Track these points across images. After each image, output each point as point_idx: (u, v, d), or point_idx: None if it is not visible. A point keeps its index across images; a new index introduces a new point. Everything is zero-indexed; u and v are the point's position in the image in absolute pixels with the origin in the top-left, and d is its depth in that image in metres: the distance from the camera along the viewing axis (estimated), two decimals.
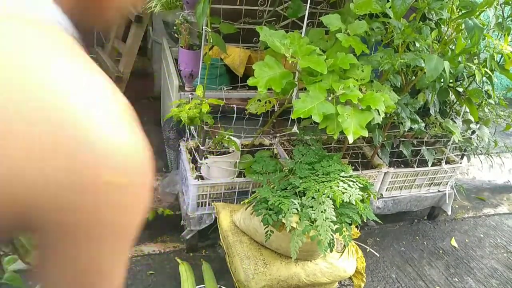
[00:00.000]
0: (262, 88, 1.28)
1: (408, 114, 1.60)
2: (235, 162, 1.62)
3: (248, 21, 1.82)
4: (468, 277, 1.89)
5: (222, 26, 1.59)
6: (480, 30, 1.30)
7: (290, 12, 1.64)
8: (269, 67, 1.33)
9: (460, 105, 1.84)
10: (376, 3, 1.40)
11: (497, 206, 2.49)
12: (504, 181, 2.77)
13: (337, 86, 1.28)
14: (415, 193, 2.06)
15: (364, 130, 1.23)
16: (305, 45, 1.36)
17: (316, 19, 1.84)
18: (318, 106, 1.25)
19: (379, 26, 1.51)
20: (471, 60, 1.58)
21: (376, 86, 1.41)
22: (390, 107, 1.35)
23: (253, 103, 1.59)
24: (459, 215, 2.34)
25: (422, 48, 1.50)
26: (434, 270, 1.90)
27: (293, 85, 1.40)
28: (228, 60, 1.96)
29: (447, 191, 2.11)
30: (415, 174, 1.98)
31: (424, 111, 1.83)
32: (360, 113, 1.27)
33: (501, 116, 2.05)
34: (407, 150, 1.81)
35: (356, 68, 1.38)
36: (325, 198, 1.25)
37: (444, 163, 2.01)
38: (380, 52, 1.49)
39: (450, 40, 1.49)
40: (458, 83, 1.79)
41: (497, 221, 2.34)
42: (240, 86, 1.84)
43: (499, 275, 1.93)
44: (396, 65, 1.41)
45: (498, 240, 2.18)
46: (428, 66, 1.33)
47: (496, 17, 1.47)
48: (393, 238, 2.06)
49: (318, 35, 1.54)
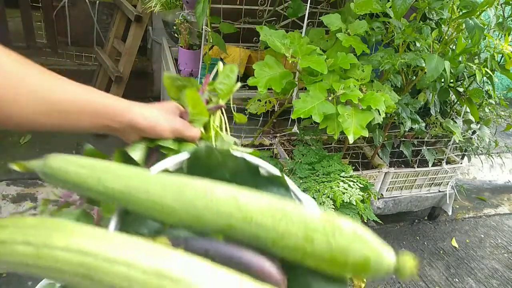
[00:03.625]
0: (262, 88, 1.28)
1: (409, 114, 1.60)
2: None
3: (248, 21, 1.82)
4: (468, 278, 1.89)
5: (222, 26, 1.58)
6: (481, 30, 1.30)
7: (290, 12, 1.64)
8: (269, 67, 1.33)
9: (460, 105, 1.84)
10: (376, 3, 1.40)
11: (498, 206, 2.48)
12: (505, 181, 2.77)
13: (337, 86, 1.28)
14: (415, 193, 2.05)
15: (364, 130, 1.23)
16: (305, 44, 1.35)
17: (316, 18, 1.84)
18: (319, 106, 1.24)
19: (379, 26, 1.50)
20: (471, 60, 1.57)
21: (377, 86, 1.41)
22: (391, 107, 1.35)
23: (253, 103, 1.58)
24: (459, 215, 2.33)
25: (423, 48, 1.50)
26: (434, 270, 1.90)
27: (293, 85, 1.40)
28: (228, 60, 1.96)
29: (448, 191, 2.11)
30: (416, 174, 1.97)
31: (425, 111, 1.82)
32: (361, 113, 1.26)
33: (502, 116, 2.04)
34: (407, 150, 1.81)
35: (357, 68, 1.37)
36: (325, 199, 1.25)
37: (444, 163, 2.01)
38: (380, 52, 1.49)
39: (451, 40, 1.49)
40: (458, 83, 1.78)
41: (498, 221, 2.34)
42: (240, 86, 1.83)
43: (499, 276, 1.93)
44: (396, 65, 1.40)
45: (498, 241, 2.17)
46: (428, 66, 1.33)
47: (496, 17, 1.47)
48: (394, 239, 2.06)
49: (318, 35, 1.54)
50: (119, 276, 0.34)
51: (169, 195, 0.42)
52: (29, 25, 2.54)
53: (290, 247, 0.40)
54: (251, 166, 0.50)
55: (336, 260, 0.39)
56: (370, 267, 0.39)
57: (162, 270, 0.34)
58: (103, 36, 2.69)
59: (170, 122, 0.55)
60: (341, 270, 0.40)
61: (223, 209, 0.41)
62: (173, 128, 0.55)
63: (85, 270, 0.34)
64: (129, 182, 0.43)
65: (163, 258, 0.35)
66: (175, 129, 0.55)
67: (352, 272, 0.40)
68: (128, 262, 0.34)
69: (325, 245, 0.39)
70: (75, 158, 0.46)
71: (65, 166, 0.45)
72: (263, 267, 0.40)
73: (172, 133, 0.55)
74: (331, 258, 0.39)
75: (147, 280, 0.33)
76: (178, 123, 0.56)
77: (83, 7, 2.65)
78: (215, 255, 0.40)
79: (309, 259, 0.40)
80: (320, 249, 0.40)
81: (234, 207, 0.41)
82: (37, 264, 0.35)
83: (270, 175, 0.50)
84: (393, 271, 0.41)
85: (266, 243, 0.41)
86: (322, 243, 0.40)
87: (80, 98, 0.50)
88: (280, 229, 0.40)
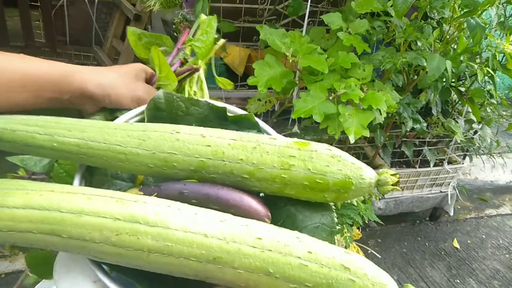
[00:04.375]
0: (262, 87, 1.27)
1: (410, 114, 1.59)
2: None
3: (248, 20, 1.81)
4: (470, 278, 1.88)
5: (221, 25, 1.57)
6: (482, 29, 1.29)
7: (291, 11, 1.63)
8: (270, 66, 1.32)
9: (462, 104, 1.83)
10: (377, 2, 1.39)
11: (500, 206, 2.47)
12: (507, 182, 2.75)
13: (338, 86, 1.27)
14: (417, 193, 2.04)
15: (365, 130, 1.22)
16: (305, 44, 1.34)
17: (317, 17, 1.83)
18: (319, 106, 1.23)
19: (380, 25, 1.50)
20: (473, 59, 1.56)
21: (378, 86, 1.40)
22: (392, 106, 1.34)
23: (253, 102, 1.57)
24: (461, 216, 2.32)
25: (424, 47, 1.49)
26: (436, 271, 1.89)
27: (294, 85, 1.39)
28: (228, 59, 1.95)
29: (449, 191, 2.10)
30: (417, 175, 1.96)
31: (426, 110, 1.81)
32: (362, 112, 1.25)
33: (504, 116, 2.03)
34: (409, 150, 1.80)
35: (358, 67, 1.36)
36: None
37: (446, 164, 1.99)
38: (381, 51, 1.48)
39: (452, 39, 1.48)
40: (460, 83, 1.78)
41: (499, 222, 2.33)
42: (240, 86, 1.82)
43: (501, 276, 1.92)
44: (397, 64, 1.40)
45: (500, 241, 2.16)
46: (430, 65, 1.32)
47: (498, 16, 1.46)
48: (395, 239, 2.05)
49: (319, 34, 1.53)
50: (87, 227, 0.31)
51: (132, 141, 0.38)
52: (27, 24, 2.53)
53: (267, 178, 0.39)
54: (218, 109, 0.46)
55: (316, 185, 0.38)
56: (352, 186, 0.39)
57: (135, 215, 0.32)
58: (102, 35, 2.68)
59: (130, 89, 0.47)
60: (323, 195, 0.39)
61: (191, 147, 0.39)
62: (135, 96, 0.47)
63: (50, 225, 0.31)
64: (85, 134, 0.38)
65: (135, 204, 0.33)
66: (137, 96, 0.47)
67: (334, 194, 0.39)
68: (96, 211, 0.32)
69: (304, 170, 0.38)
70: (21, 117, 0.40)
71: (10, 126, 0.39)
72: (242, 201, 0.39)
73: (134, 102, 0.47)
74: (311, 183, 0.38)
75: (119, 226, 0.31)
76: (140, 90, 0.48)
77: (82, 6, 2.64)
78: (190, 196, 0.38)
79: (289, 188, 0.39)
80: (298, 176, 0.38)
81: (203, 144, 0.39)
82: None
83: (239, 116, 0.47)
84: (375, 186, 0.41)
85: (242, 177, 0.39)
86: (300, 169, 0.38)
87: (13, 69, 0.42)
88: (254, 160, 0.39)
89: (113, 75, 0.47)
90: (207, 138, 0.39)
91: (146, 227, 0.32)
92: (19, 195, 0.33)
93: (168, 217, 0.33)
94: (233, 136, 0.40)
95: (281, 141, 0.40)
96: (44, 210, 0.32)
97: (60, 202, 0.32)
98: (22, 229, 0.32)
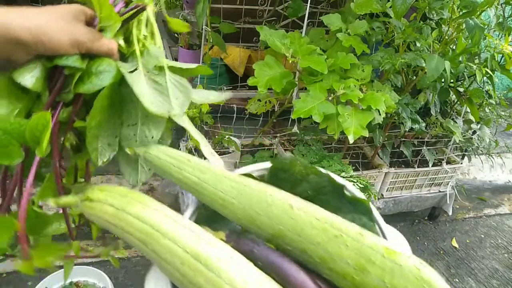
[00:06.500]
0: (262, 88, 1.28)
1: (409, 114, 1.60)
2: (235, 162, 1.61)
3: (248, 21, 1.82)
4: (469, 278, 1.89)
5: (222, 26, 1.58)
6: (481, 30, 1.30)
7: (290, 12, 1.64)
8: (269, 67, 1.32)
9: (461, 105, 1.84)
10: (376, 3, 1.40)
11: (498, 206, 2.48)
12: (505, 181, 2.76)
13: (337, 86, 1.28)
14: (415, 193, 2.05)
15: (364, 130, 1.23)
16: (305, 44, 1.35)
17: (317, 18, 1.84)
18: (319, 106, 1.24)
19: (379, 26, 1.50)
20: (471, 60, 1.57)
21: (377, 86, 1.41)
22: (391, 107, 1.35)
23: (253, 103, 1.58)
24: (460, 215, 2.33)
25: (423, 48, 1.50)
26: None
27: (293, 85, 1.40)
28: (228, 59, 1.96)
29: (448, 191, 2.11)
30: (416, 175, 1.97)
31: (425, 111, 1.82)
32: (361, 113, 1.26)
33: (502, 116, 2.04)
34: (407, 150, 1.81)
35: (357, 68, 1.37)
36: None
37: (445, 164, 2.00)
38: (380, 52, 1.49)
39: (451, 40, 1.49)
40: (458, 83, 1.78)
41: (498, 221, 2.34)
42: (240, 86, 1.83)
43: (500, 276, 1.93)
44: (396, 65, 1.40)
45: (499, 241, 2.17)
46: (428, 66, 1.33)
47: (496, 17, 1.47)
48: None
49: (318, 35, 1.54)
50: (165, 249, 0.38)
51: (231, 192, 0.44)
52: None
53: (338, 271, 0.36)
54: (336, 185, 0.45)
55: None
56: None
57: (201, 253, 0.37)
58: None
59: (67, 32, 0.41)
60: None
61: (276, 213, 0.41)
62: (74, 40, 0.42)
63: (144, 236, 0.40)
64: (203, 175, 0.47)
65: (207, 245, 0.38)
66: (77, 40, 0.42)
67: None
68: (176, 239, 0.38)
69: (378, 280, 0.35)
70: (167, 149, 0.51)
71: (158, 154, 0.50)
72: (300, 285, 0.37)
73: (74, 47, 0.42)
74: None
75: (185, 258, 0.37)
76: (80, 33, 0.43)
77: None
78: (258, 256, 0.40)
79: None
80: (370, 283, 0.35)
81: (287, 214, 0.40)
82: (114, 223, 0.42)
83: (355, 198, 0.45)
84: None
85: (313, 260, 0.38)
86: (375, 277, 0.34)
87: None
88: (329, 248, 0.37)
89: (46, 17, 0.41)
90: (294, 210, 0.41)
91: (204, 267, 0.36)
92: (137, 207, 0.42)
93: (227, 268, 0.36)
94: (320, 216, 0.40)
95: (369, 240, 0.37)
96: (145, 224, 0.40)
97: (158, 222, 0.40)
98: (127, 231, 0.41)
